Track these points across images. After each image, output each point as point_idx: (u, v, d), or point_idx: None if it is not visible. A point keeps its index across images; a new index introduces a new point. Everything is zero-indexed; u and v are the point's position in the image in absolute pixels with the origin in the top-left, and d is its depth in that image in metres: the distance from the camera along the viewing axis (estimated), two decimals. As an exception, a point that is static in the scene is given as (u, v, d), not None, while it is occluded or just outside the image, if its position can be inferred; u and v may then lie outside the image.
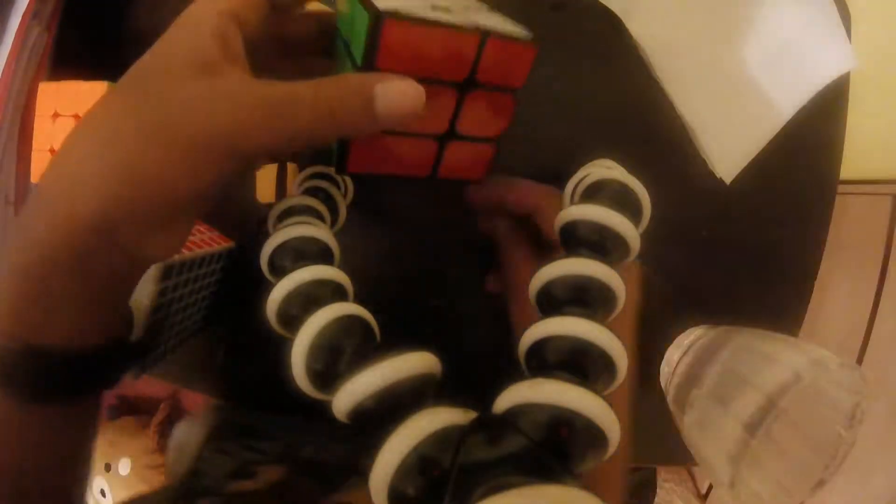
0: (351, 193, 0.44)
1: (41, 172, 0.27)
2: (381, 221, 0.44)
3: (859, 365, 0.43)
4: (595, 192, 0.31)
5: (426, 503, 0.19)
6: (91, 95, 0.44)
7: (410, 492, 0.19)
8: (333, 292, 0.30)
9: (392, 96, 0.27)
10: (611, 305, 0.26)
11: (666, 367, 0.55)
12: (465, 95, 0.33)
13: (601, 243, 0.28)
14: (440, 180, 0.37)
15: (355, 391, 0.22)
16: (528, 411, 0.20)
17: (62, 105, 0.44)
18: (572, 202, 0.33)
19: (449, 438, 0.20)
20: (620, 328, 0.26)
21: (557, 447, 0.19)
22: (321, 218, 0.37)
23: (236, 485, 0.37)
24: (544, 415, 0.19)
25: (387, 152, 0.33)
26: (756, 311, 0.59)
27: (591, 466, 0.20)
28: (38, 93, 0.45)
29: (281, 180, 0.50)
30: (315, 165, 0.42)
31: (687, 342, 0.54)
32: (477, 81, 0.32)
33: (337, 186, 0.42)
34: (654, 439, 0.59)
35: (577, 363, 0.22)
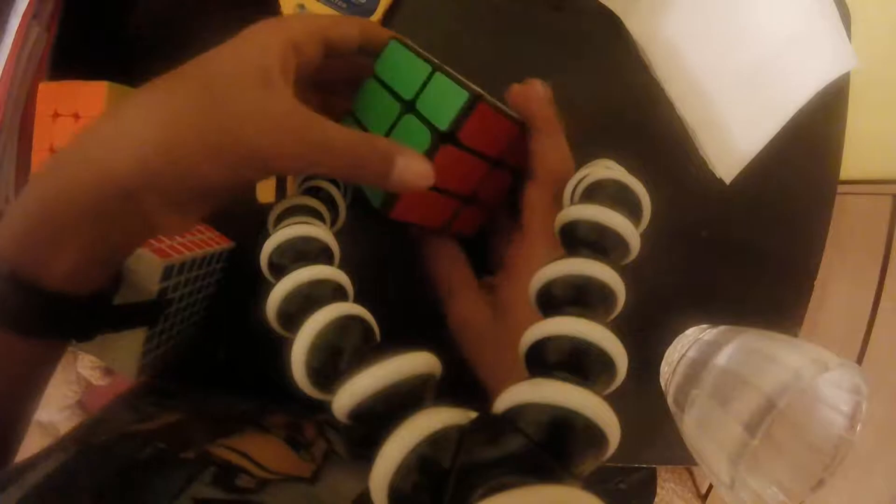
0: (351, 193, 0.44)
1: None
2: (381, 221, 0.44)
3: (859, 365, 0.43)
4: (595, 192, 0.31)
5: (426, 503, 0.19)
6: (91, 95, 0.44)
7: (410, 492, 0.19)
8: (333, 292, 0.30)
9: (408, 171, 0.32)
10: (611, 305, 0.26)
11: (666, 367, 0.55)
12: (492, 170, 0.40)
13: (601, 243, 0.28)
14: None
15: (355, 391, 0.22)
16: (528, 411, 0.20)
17: (62, 105, 0.44)
18: (572, 202, 0.33)
19: (449, 438, 0.20)
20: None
21: (557, 447, 0.19)
22: (321, 218, 0.37)
23: (132, 426, 0.37)
24: (544, 415, 0.19)
25: (423, 208, 0.40)
26: (756, 311, 0.59)
27: (592, 466, 0.20)
28: (38, 92, 0.45)
29: (281, 181, 0.50)
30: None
31: (687, 342, 0.54)
32: (504, 161, 0.40)
33: (337, 186, 0.42)
34: (654, 439, 0.59)
35: (577, 363, 0.22)
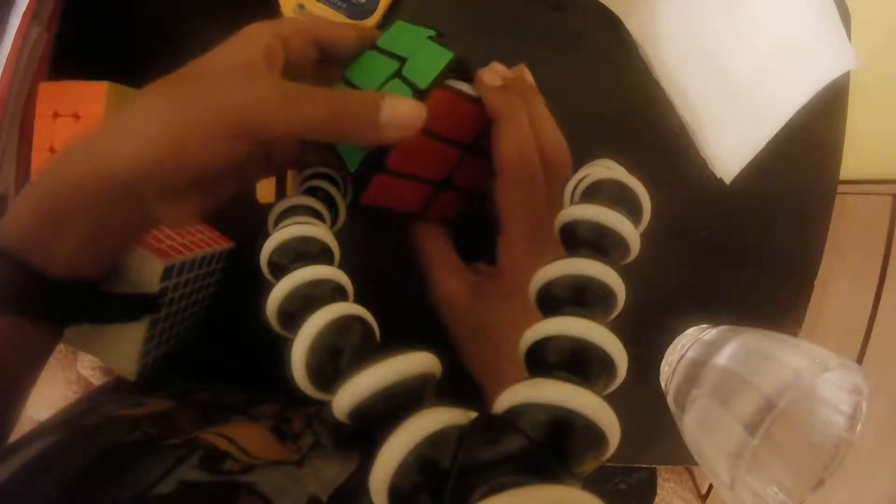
0: (351, 193, 0.44)
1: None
2: (382, 221, 0.44)
3: (859, 364, 0.43)
4: (595, 192, 0.31)
5: (426, 503, 0.19)
6: (91, 95, 0.44)
7: (410, 492, 0.19)
8: (333, 292, 0.30)
9: (396, 110, 0.31)
10: (611, 306, 0.26)
11: (666, 367, 0.55)
12: (467, 156, 0.40)
13: (601, 243, 0.28)
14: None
15: (355, 391, 0.22)
16: (528, 411, 0.20)
17: (62, 105, 0.44)
18: (572, 202, 0.33)
19: (449, 438, 0.20)
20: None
21: (557, 447, 0.19)
22: (321, 218, 0.37)
23: (121, 411, 0.38)
24: (544, 415, 0.19)
25: (396, 193, 0.39)
26: (756, 311, 0.59)
27: (592, 467, 0.20)
28: (39, 92, 0.45)
29: (281, 181, 0.50)
30: (315, 166, 0.42)
31: (687, 342, 0.54)
32: (479, 147, 0.40)
33: (337, 186, 0.41)
34: (655, 439, 0.59)
35: (577, 363, 0.22)
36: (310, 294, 0.29)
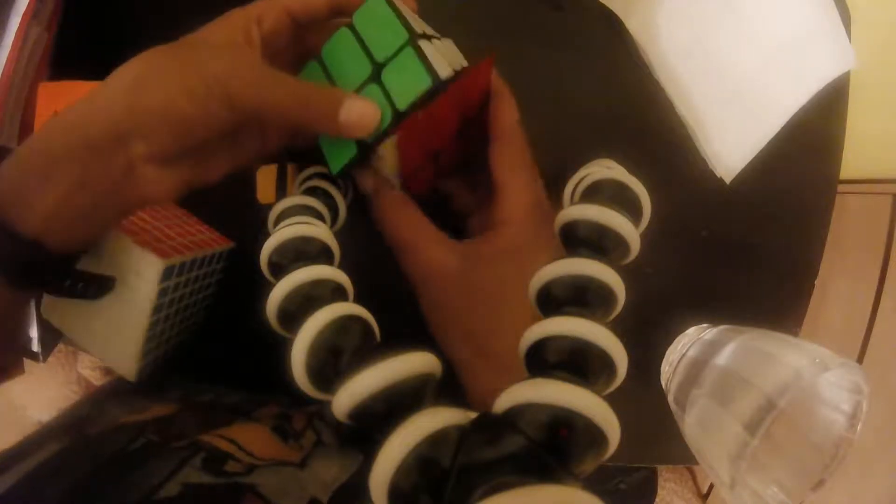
0: (351, 193, 0.44)
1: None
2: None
3: (860, 364, 0.43)
4: (595, 192, 0.31)
5: (426, 503, 0.19)
6: (91, 95, 0.44)
7: (410, 491, 0.19)
8: (333, 292, 0.30)
9: (354, 112, 0.34)
10: (611, 305, 0.26)
11: (666, 367, 0.55)
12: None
13: (601, 243, 0.28)
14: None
15: (355, 391, 0.22)
16: (528, 411, 0.20)
17: (62, 105, 0.44)
18: (572, 202, 0.33)
19: (449, 438, 0.20)
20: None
21: (557, 447, 0.19)
22: (321, 218, 0.37)
23: (124, 417, 0.38)
24: (544, 415, 0.19)
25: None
26: (756, 311, 0.59)
27: (592, 466, 0.20)
28: (39, 92, 0.45)
29: (281, 181, 0.50)
30: (315, 165, 0.42)
31: (687, 342, 0.54)
32: (462, 131, 0.41)
33: (337, 186, 0.42)
34: (655, 439, 0.59)
35: (577, 363, 0.22)
36: (310, 294, 0.29)
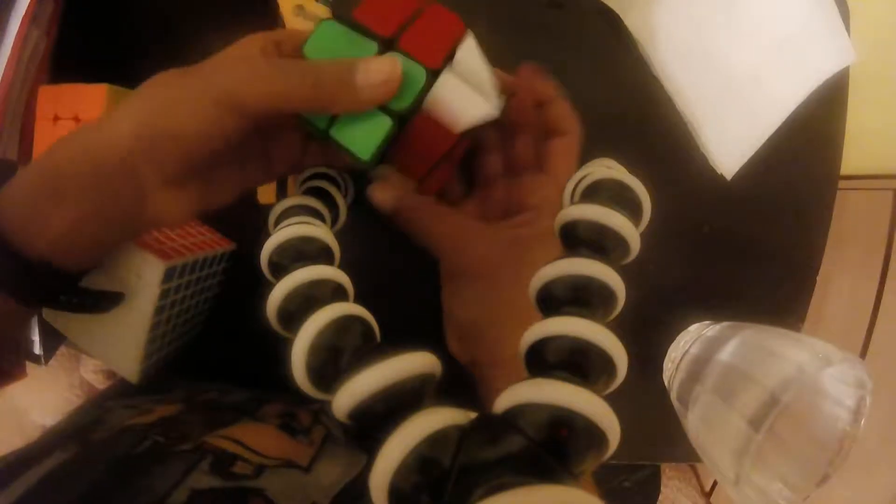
0: (351, 193, 0.44)
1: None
2: (382, 221, 0.44)
3: (863, 359, 0.43)
4: (595, 192, 0.31)
5: (426, 503, 0.19)
6: (91, 98, 0.44)
7: (410, 491, 0.19)
8: (333, 292, 0.30)
9: (372, 73, 0.32)
10: (611, 305, 0.26)
11: (669, 364, 0.55)
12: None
13: (601, 243, 0.28)
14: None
15: (355, 391, 0.22)
16: (528, 411, 0.20)
17: (62, 108, 0.44)
18: (572, 201, 0.33)
19: (449, 438, 0.20)
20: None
21: (557, 447, 0.19)
22: (321, 218, 0.37)
23: (129, 420, 0.38)
24: (544, 415, 0.19)
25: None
26: (758, 307, 0.59)
27: (592, 466, 0.20)
28: (39, 95, 0.45)
29: (282, 182, 0.50)
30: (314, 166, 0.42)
31: (689, 338, 0.54)
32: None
33: (337, 186, 0.42)
34: (658, 436, 0.59)
35: (577, 363, 0.22)
36: (310, 294, 0.29)
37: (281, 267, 0.32)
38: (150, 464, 0.32)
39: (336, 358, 0.25)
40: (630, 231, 0.28)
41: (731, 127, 0.57)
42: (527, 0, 0.55)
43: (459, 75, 0.36)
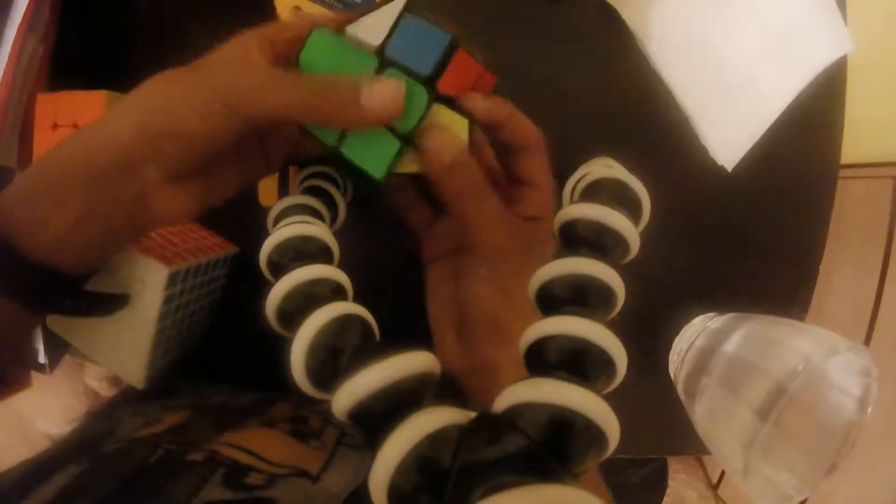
0: (351, 193, 0.44)
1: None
2: (381, 221, 0.44)
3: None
4: (594, 191, 0.31)
5: (426, 503, 0.19)
6: (90, 105, 0.44)
7: (410, 491, 0.19)
8: (333, 291, 0.30)
9: (376, 93, 0.31)
10: (610, 305, 0.26)
11: (674, 357, 0.55)
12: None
13: (601, 242, 0.28)
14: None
15: (355, 391, 0.22)
16: (528, 411, 0.20)
17: (61, 115, 0.44)
18: (571, 201, 0.33)
19: (448, 438, 0.20)
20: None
21: (557, 447, 0.19)
22: (321, 217, 0.37)
23: (141, 431, 0.38)
24: (544, 414, 0.19)
25: None
26: (762, 298, 0.59)
27: (592, 466, 0.20)
28: (37, 103, 0.45)
29: (283, 183, 0.50)
30: (315, 165, 0.42)
31: (694, 331, 0.54)
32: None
33: (337, 186, 0.41)
34: (664, 430, 0.59)
35: (577, 363, 0.22)
36: (309, 293, 0.29)
37: (280, 266, 0.32)
38: (164, 476, 0.32)
39: (335, 357, 0.25)
40: (630, 230, 0.28)
41: (731, 118, 0.57)
42: (524, -4, 0.55)
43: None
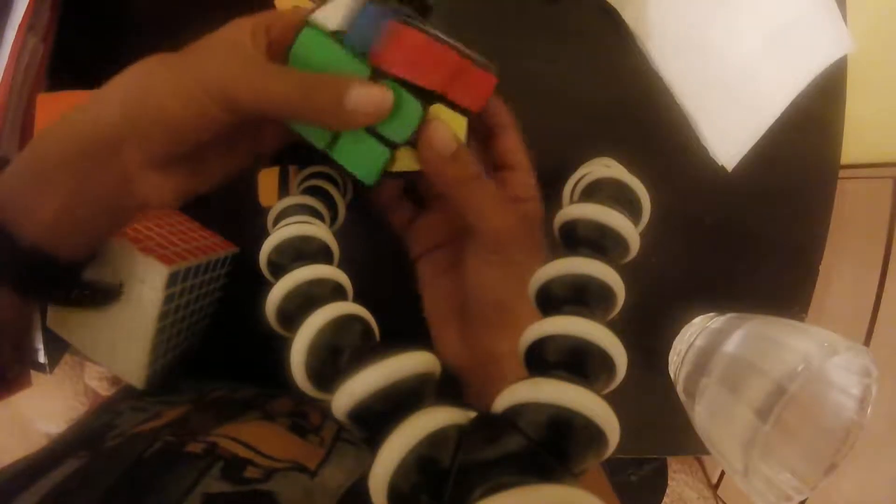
0: (351, 193, 0.44)
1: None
2: (381, 220, 0.44)
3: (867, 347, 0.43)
4: (594, 191, 0.31)
5: (426, 502, 0.19)
6: (89, 104, 0.44)
7: (410, 491, 0.19)
8: (333, 291, 0.30)
9: (361, 98, 0.31)
10: (610, 305, 0.26)
11: (674, 357, 0.55)
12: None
13: (600, 242, 0.28)
14: None
15: (355, 391, 0.22)
16: (528, 411, 0.20)
17: (61, 115, 0.44)
18: (571, 201, 0.33)
19: (448, 438, 0.20)
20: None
21: (557, 447, 0.19)
22: (320, 217, 0.37)
23: (141, 426, 0.38)
24: (544, 414, 0.19)
25: None
26: (762, 297, 0.59)
27: (591, 466, 0.20)
28: (37, 103, 0.45)
29: (283, 183, 0.50)
30: (314, 165, 0.42)
31: (694, 331, 0.54)
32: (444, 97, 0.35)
33: (337, 186, 0.41)
34: (664, 430, 0.59)
35: (577, 363, 0.22)
36: (309, 293, 0.29)
37: (280, 266, 0.32)
38: (163, 469, 0.32)
39: (335, 357, 0.25)
40: (629, 230, 0.28)
41: (731, 118, 0.56)
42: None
43: None
